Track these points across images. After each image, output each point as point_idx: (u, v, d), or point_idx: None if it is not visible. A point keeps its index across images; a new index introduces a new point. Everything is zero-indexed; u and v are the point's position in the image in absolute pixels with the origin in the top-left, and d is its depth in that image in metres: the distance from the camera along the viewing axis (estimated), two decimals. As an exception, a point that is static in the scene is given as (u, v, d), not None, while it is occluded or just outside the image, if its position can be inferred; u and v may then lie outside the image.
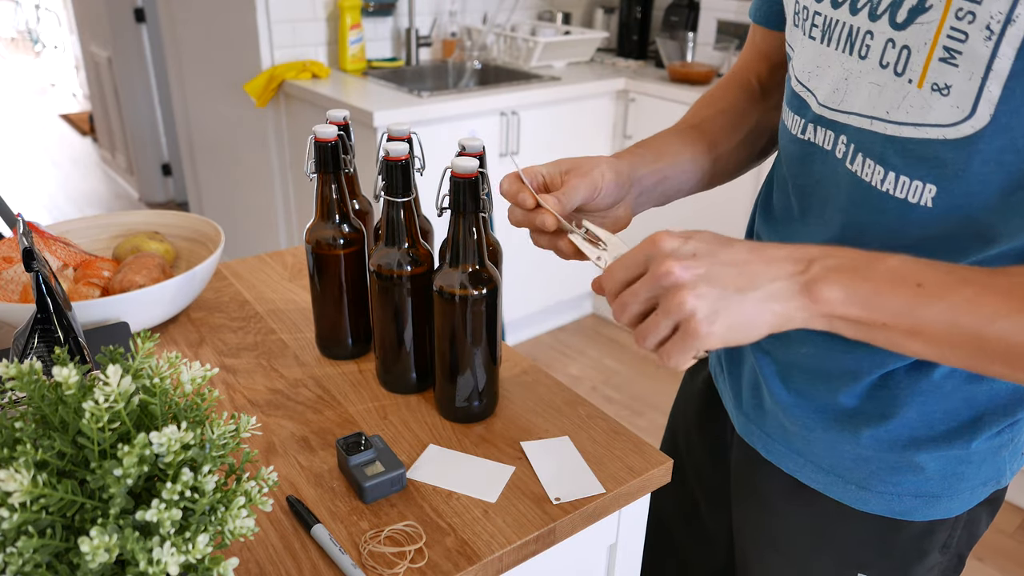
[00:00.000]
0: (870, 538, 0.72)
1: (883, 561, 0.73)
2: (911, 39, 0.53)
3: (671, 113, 2.45)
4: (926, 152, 0.55)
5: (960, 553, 0.73)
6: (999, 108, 0.50)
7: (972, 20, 0.49)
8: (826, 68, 0.62)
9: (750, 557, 0.84)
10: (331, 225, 0.86)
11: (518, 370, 0.93)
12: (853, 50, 0.58)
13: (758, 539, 0.82)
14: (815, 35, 0.63)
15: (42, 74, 7.16)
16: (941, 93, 0.52)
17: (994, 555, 1.89)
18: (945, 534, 0.71)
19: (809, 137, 0.66)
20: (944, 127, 0.53)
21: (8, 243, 1.00)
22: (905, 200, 0.58)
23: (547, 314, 2.87)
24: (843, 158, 0.62)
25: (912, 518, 0.69)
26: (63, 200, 4.26)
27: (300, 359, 0.94)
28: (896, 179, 0.58)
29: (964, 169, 0.53)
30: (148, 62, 3.81)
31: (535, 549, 0.69)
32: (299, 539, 0.67)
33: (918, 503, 0.69)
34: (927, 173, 0.55)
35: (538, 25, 2.86)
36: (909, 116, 0.55)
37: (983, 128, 0.51)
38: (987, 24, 0.49)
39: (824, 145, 0.64)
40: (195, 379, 0.57)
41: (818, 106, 0.64)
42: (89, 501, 0.49)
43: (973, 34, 0.49)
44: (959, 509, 0.69)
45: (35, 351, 0.74)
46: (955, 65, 0.51)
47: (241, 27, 2.44)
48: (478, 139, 0.77)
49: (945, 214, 0.56)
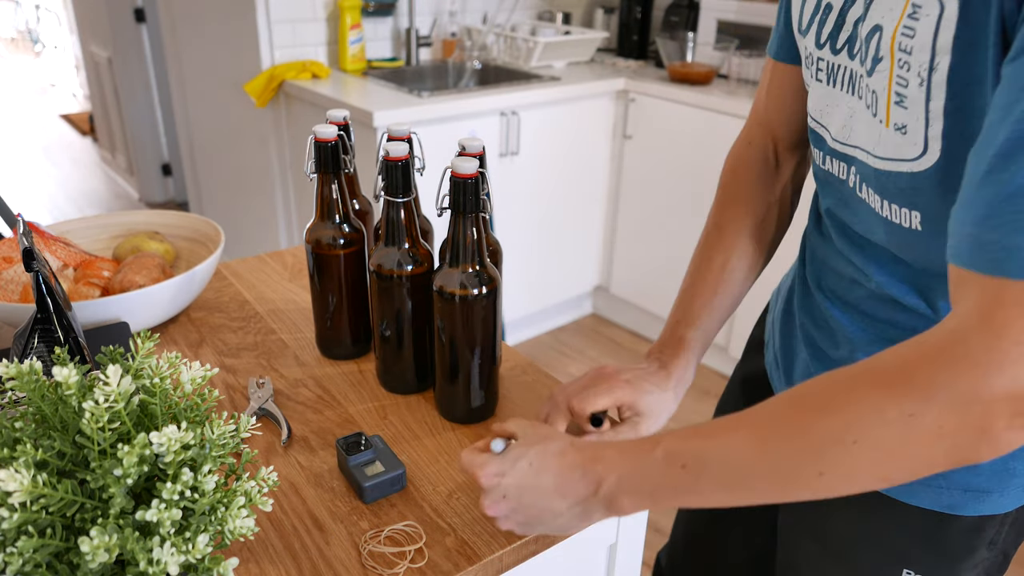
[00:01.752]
0: (917, 532, 0.72)
1: (930, 556, 0.72)
2: (876, 85, 0.60)
3: (671, 113, 2.45)
4: (905, 184, 0.60)
5: (1006, 551, 0.73)
6: (944, 144, 0.56)
7: (908, 69, 0.56)
8: (835, 106, 0.68)
9: (793, 548, 0.84)
10: (331, 225, 0.86)
11: (518, 370, 0.93)
12: (854, 90, 0.64)
13: (803, 531, 0.82)
14: (821, 78, 0.69)
15: (42, 74, 7.16)
16: (901, 132, 0.59)
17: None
18: (993, 530, 0.70)
19: (828, 168, 0.72)
20: (910, 161, 0.59)
21: (8, 243, 1.00)
22: (899, 225, 0.63)
23: (547, 314, 2.87)
24: (854, 187, 0.68)
25: (961, 513, 0.69)
26: (63, 200, 4.26)
27: (300, 359, 0.94)
28: (890, 207, 0.63)
29: (938, 196, 0.58)
30: (148, 62, 3.81)
31: (535, 549, 0.69)
32: (299, 539, 0.67)
33: (968, 498, 0.68)
34: (909, 201, 0.61)
35: (538, 25, 2.86)
36: (887, 152, 0.61)
37: (937, 160, 0.57)
38: (918, 72, 0.55)
39: (840, 175, 0.70)
40: (195, 379, 0.57)
41: (832, 140, 0.69)
42: (89, 501, 0.49)
43: (911, 81, 0.56)
44: (1010, 505, 0.69)
45: (35, 351, 0.74)
46: (905, 108, 0.57)
47: (241, 27, 2.44)
48: (478, 139, 0.77)
49: (933, 236, 0.61)
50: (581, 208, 2.71)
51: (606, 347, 2.81)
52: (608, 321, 2.98)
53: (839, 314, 0.74)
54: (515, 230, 2.52)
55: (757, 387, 0.91)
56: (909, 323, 0.68)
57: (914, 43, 0.55)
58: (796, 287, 0.83)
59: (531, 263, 2.64)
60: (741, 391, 0.96)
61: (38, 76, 7.18)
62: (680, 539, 1.07)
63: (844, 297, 0.74)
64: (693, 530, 1.06)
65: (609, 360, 2.72)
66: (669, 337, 0.81)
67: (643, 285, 2.75)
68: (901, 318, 0.69)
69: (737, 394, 0.97)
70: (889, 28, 0.57)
